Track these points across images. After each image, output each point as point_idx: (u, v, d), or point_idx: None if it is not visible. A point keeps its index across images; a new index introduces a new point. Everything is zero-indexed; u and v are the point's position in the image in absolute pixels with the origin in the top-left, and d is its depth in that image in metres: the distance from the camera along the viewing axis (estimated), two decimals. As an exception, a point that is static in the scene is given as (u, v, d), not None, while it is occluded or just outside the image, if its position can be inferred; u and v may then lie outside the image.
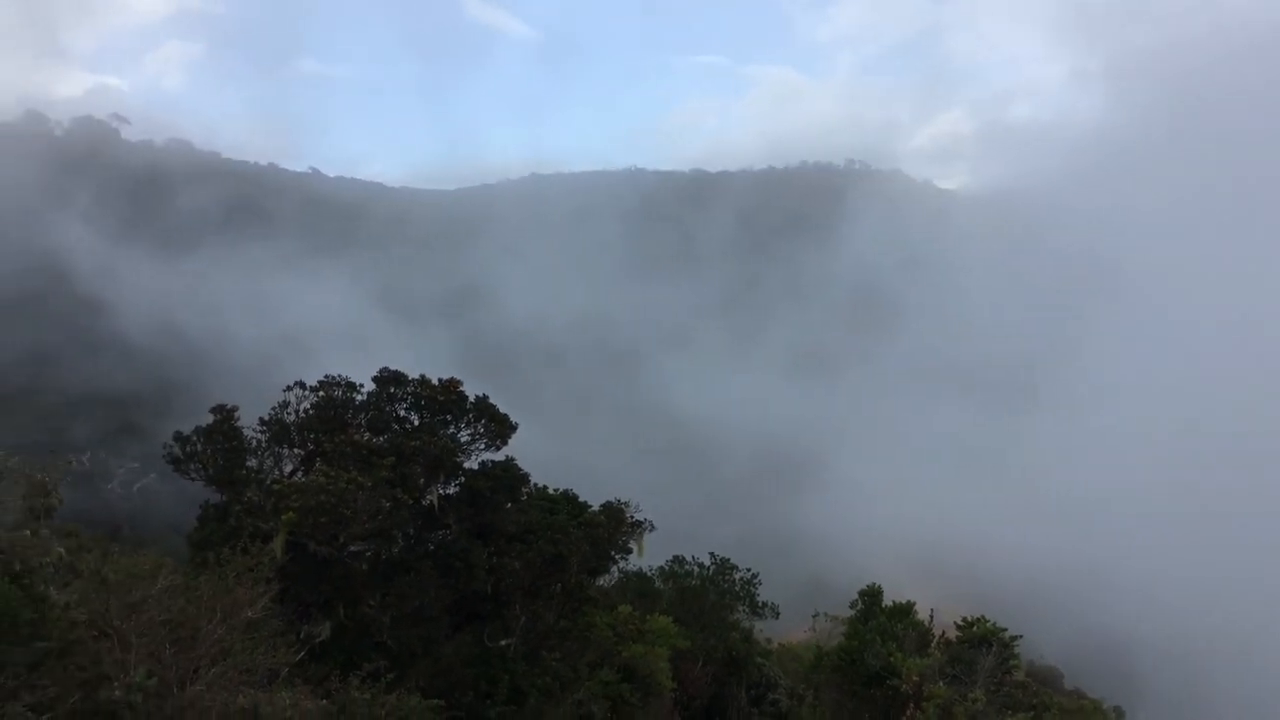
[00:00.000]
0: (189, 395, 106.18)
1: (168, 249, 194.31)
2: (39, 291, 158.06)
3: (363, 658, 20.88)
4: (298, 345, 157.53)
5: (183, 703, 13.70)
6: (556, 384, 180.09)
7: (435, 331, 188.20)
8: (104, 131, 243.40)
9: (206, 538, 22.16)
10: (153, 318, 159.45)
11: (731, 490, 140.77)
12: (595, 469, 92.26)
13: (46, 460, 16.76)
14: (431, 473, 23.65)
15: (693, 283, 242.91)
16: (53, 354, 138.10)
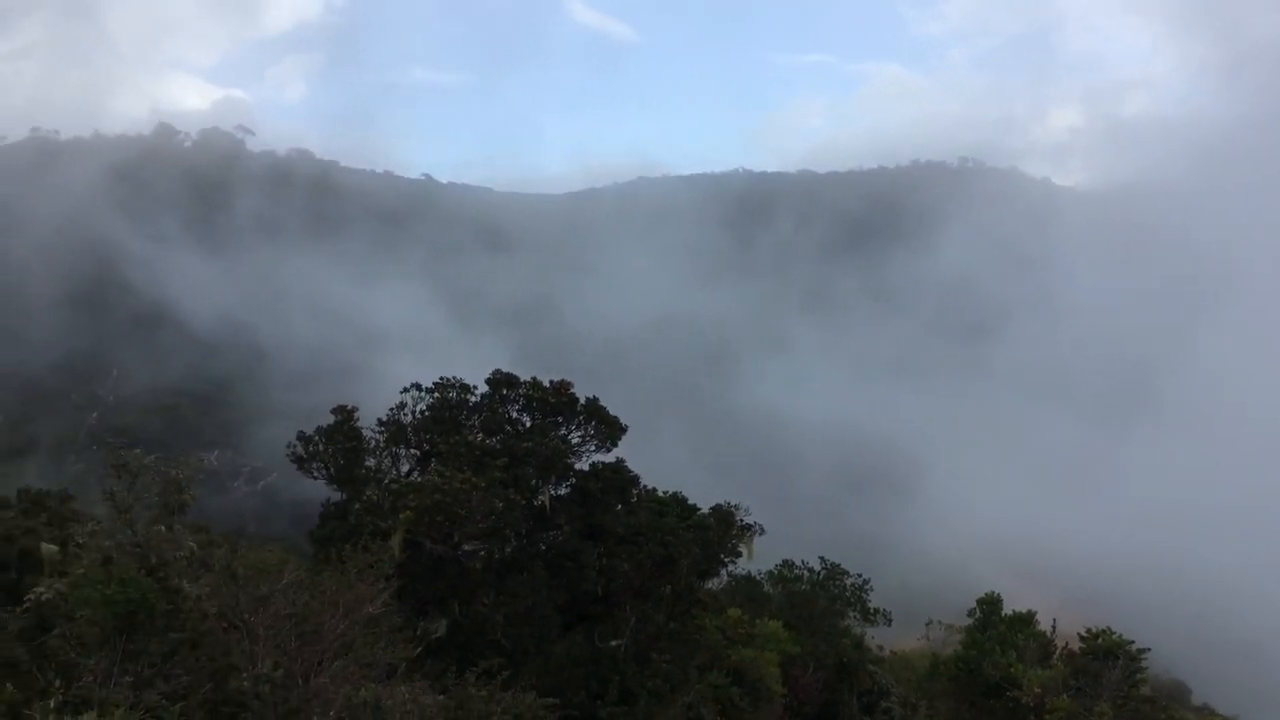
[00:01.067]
0: (306, 395, 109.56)
1: (284, 254, 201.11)
2: (170, 297, 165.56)
3: (477, 655, 21.27)
4: (407, 344, 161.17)
5: (307, 694, 14.09)
6: (638, 390, 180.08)
7: (523, 336, 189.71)
8: (230, 143, 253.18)
9: (328, 535, 22.84)
10: (276, 320, 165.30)
11: (819, 499, 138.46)
12: (675, 475, 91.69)
13: (181, 459, 17.47)
14: (543, 474, 23.94)
15: (791, 286, 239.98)
16: (188, 356, 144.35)
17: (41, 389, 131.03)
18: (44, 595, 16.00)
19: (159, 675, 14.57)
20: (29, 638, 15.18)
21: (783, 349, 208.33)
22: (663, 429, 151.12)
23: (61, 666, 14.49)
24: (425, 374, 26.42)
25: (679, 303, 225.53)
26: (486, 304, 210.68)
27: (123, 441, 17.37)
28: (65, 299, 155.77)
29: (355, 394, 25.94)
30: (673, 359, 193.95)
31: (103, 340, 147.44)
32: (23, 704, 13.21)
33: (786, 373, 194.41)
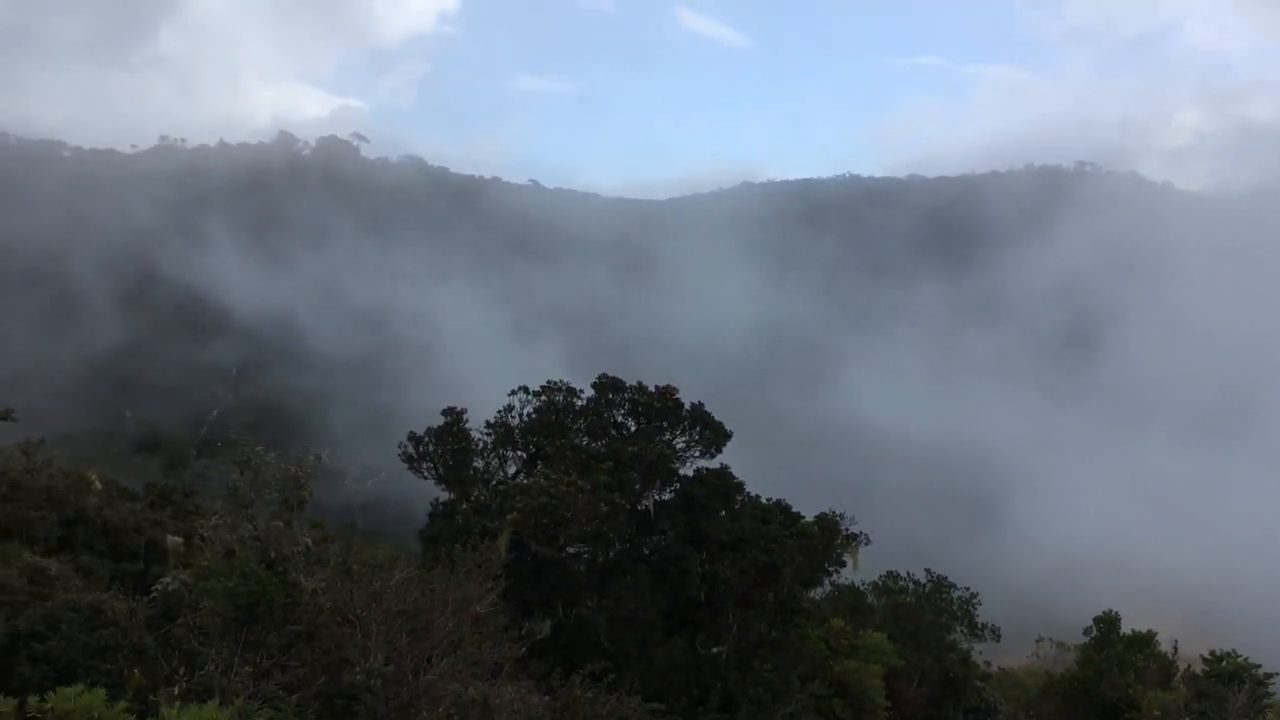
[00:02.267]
0: (414, 396, 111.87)
1: (393, 258, 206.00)
2: (285, 300, 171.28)
3: (580, 657, 21.42)
4: (508, 345, 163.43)
5: (417, 690, 14.37)
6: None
7: (608, 341, 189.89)
8: (346, 150, 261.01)
9: (436, 534, 23.29)
10: (384, 323, 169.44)
11: (906, 509, 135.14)
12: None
13: (299, 456, 18.00)
14: (647, 478, 24.00)
15: (890, 294, 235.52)
16: (302, 357, 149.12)
17: (166, 387, 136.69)
18: (170, 586, 16.66)
19: (276, 666, 15.00)
20: (155, 626, 15.79)
21: (873, 358, 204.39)
22: (745, 438, 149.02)
23: (185, 655, 15.05)
24: (532, 378, 26.81)
25: (771, 309, 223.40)
26: (585, 308, 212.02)
27: (246, 439, 17.95)
28: (184, 301, 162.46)
29: (466, 398, 26.31)
30: (756, 367, 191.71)
31: (222, 341, 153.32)
32: (149, 690, 13.74)
33: (876, 383, 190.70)
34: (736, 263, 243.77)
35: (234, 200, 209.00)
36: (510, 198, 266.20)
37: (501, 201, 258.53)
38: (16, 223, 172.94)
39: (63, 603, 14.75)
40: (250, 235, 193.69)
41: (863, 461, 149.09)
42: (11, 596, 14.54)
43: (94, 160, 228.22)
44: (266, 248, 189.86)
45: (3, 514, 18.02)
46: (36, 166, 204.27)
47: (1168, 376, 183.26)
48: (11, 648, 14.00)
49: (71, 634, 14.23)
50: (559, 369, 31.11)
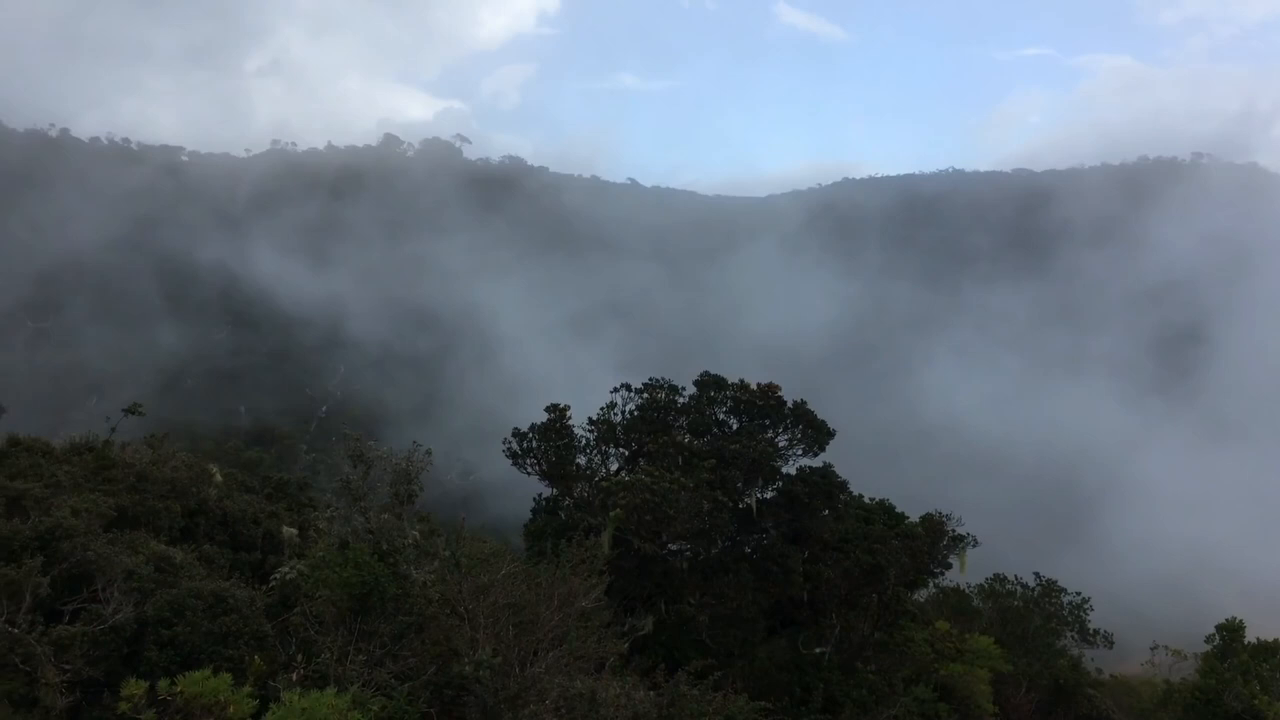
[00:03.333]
0: (521, 394, 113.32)
1: (492, 256, 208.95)
2: (389, 295, 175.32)
3: (682, 654, 21.47)
4: (600, 340, 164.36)
5: (524, 682, 14.54)
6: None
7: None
8: (449, 151, 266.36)
9: (540, 529, 23.57)
10: (485, 322, 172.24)
11: (1002, 512, 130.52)
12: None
13: (410, 451, 18.39)
14: (750, 476, 23.89)
15: (984, 291, 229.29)
16: (406, 352, 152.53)
17: (277, 383, 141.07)
18: (288, 575, 17.18)
19: (388, 655, 15.35)
20: (274, 614, 16.26)
21: (964, 357, 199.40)
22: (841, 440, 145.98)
23: (302, 642, 15.50)
24: (617, 376, 26.98)
25: (858, 307, 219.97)
26: (673, 305, 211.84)
27: (358, 434, 18.42)
28: (292, 301, 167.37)
29: (571, 396, 26.55)
30: (838, 364, 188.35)
31: (326, 337, 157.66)
32: (269, 675, 14.18)
33: (965, 383, 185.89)
34: (824, 260, 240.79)
35: (338, 201, 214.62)
36: (607, 197, 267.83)
37: (598, 201, 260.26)
38: (139, 224, 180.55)
39: (187, 590, 15.30)
40: (347, 235, 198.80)
41: (949, 462, 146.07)
42: (140, 583, 15.13)
43: (210, 164, 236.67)
44: (361, 247, 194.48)
45: (131, 504, 18.77)
46: (157, 171, 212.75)
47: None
48: (140, 633, 14.59)
49: (196, 620, 14.75)
50: (649, 367, 31.15)
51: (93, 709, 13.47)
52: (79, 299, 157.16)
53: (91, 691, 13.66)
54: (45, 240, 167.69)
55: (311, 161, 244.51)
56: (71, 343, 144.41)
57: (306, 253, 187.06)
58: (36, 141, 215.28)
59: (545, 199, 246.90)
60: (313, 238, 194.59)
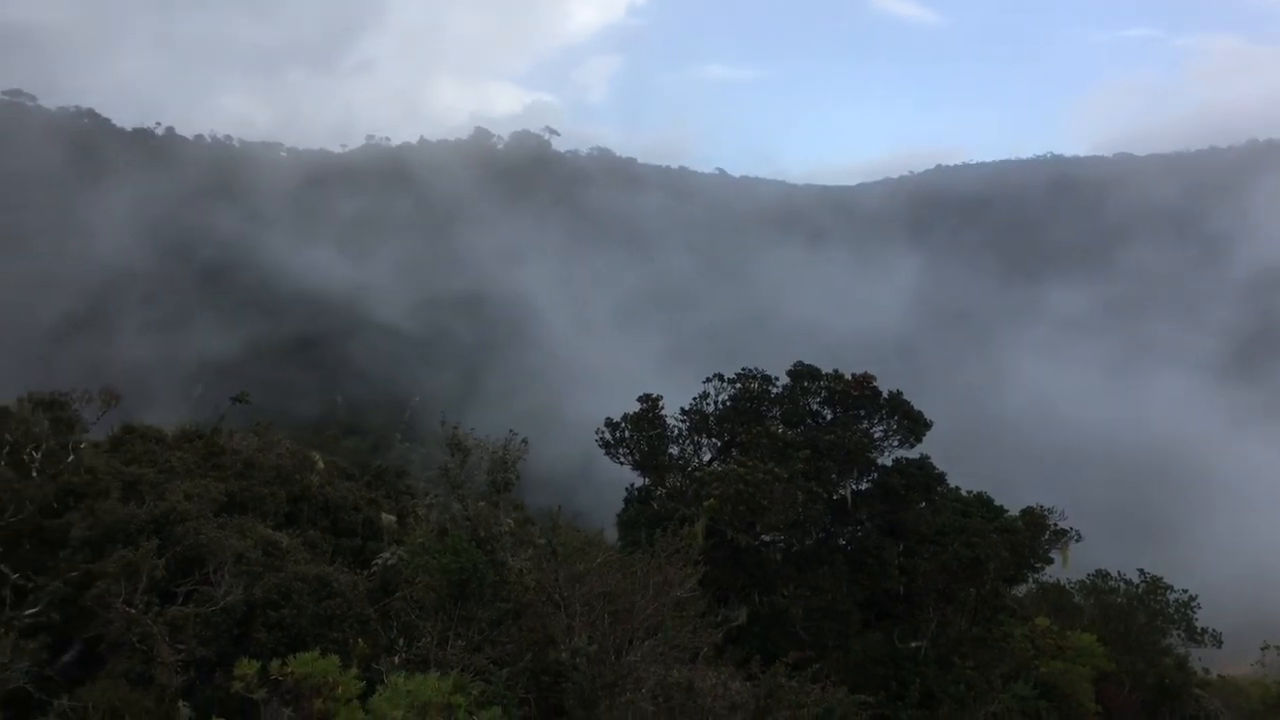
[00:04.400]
0: (604, 388, 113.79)
1: (572, 249, 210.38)
2: (478, 288, 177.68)
3: (776, 646, 21.34)
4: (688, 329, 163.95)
5: (621, 671, 14.61)
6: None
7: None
8: (538, 144, 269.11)
9: (633, 518, 23.65)
10: (575, 313, 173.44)
11: (1088, 513, 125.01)
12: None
13: (508, 439, 18.60)
14: (845, 467, 23.64)
15: (1082, 281, 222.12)
16: (493, 344, 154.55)
17: (368, 372, 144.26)
18: (388, 561, 17.53)
19: (487, 641, 15.58)
20: (375, 599, 16.60)
21: (1050, 348, 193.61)
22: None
23: (403, 626, 15.81)
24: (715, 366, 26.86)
25: (940, 294, 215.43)
26: (757, 293, 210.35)
27: (457, 422, 18.69)
28: (385, 292, 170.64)
29: (656, 386, 26.61)
30: (922, 354, 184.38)
31: (419, 327, 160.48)
32: (372, 658, 14.48)
33: (1050, 373, 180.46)
34: (908, 248, 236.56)
35: (429, 194, 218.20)
36: (696, 186, 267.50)
37: (687, 190, 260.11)
38: (238, 217, 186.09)
39: (293, 574, 15.70)
40: (438, 227, 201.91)
41: (1031, 454, 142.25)
42: (249, 567, 15.57)
43: (307, 159, 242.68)
44: (453, 239, 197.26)
45: (239, 490, 19.31)
46: (256, 167, 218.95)
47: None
48: (249, 615, 15.02)
49: (302, 603, 15.14)
50: (729, 357, 31.04)
51: (205, 688, 13.92)
52: (182, 289, 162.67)
53: (204, 671, 14.12)
54: (153, 232, 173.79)
55: (404, 156, 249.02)
56: (177, 330, 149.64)
57: (394, 245, 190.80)
58: (144, 139, 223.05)
59: (631, 190, 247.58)
60: (399, 231, 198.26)
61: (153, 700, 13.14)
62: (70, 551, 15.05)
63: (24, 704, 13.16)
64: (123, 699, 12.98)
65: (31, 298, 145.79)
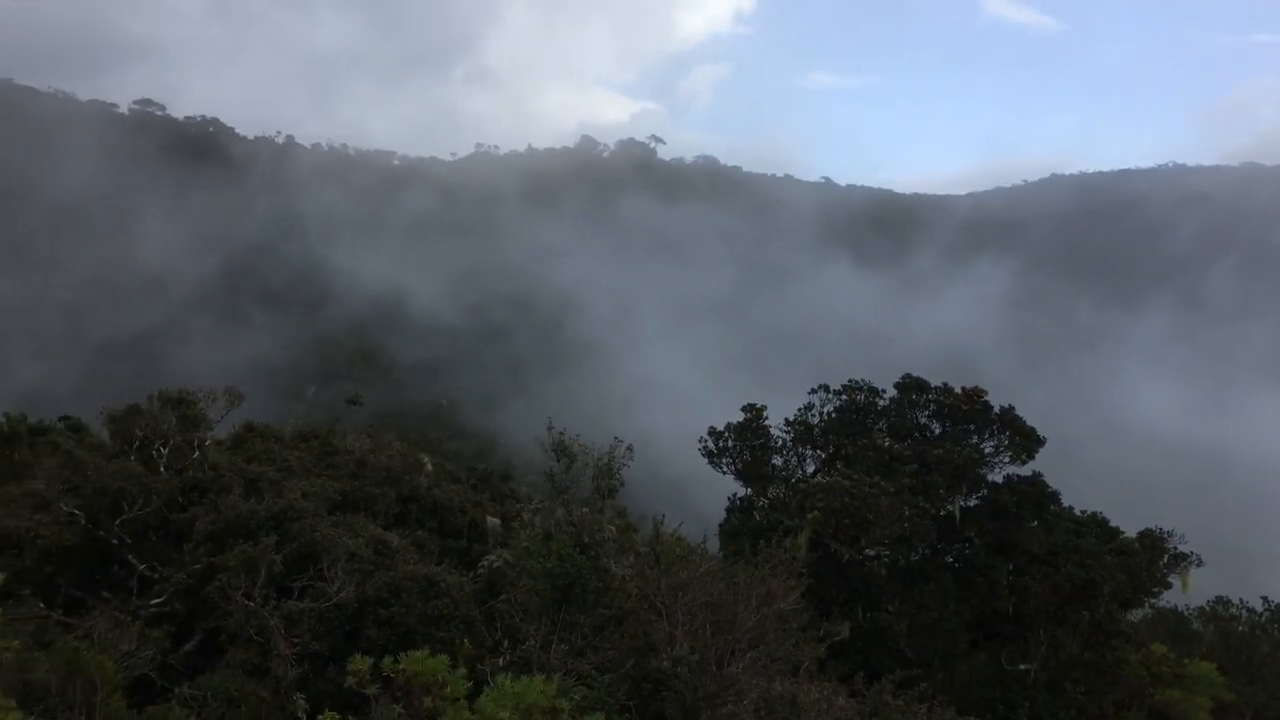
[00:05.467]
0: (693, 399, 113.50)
1: (667, 255, 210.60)
2: (576, 297, 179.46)
3: (879, 663, 20.99)
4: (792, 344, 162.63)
5: (723, 681, 14.53)
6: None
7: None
8: (643, 152, 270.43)
9: (735, 528, 23.55)
10: (680, 326, 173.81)
11: (1203, 531, 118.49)
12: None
13: (613, 446, 18.70)
14: (953, 483, 23.14)
15: (1197, 293, 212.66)
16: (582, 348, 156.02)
17: (478, 374, 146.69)
18: (494, 563, 17.77)
19: (589, 646, 15.66)
20: (481, 600, 16.85)
21: (1159, 363, 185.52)
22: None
23: (507, 629, 16.00)
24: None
25: (1044, 307, 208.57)
26: (857, 305, 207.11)
27: (562, 429, 18.88)
28: (484, 297, 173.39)
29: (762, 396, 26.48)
30: (1021, 367, 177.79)
31: (519, 335, 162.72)
32: (477, 659, 14.69)
33: (1163, 390, 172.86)
34: (1010, 258, 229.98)
35: (531, 202, 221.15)
36: (803, 194, 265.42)
37: (792, 198, 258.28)
38: (346, 224, 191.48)
39: (403, 573, 16.05)
40: (539, 232, 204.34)
41: (1140, 473, 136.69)
42: (361, 565, 15.98)
43: (418, 167, 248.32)
44: (550, 246, 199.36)
45: (351, 489, 19.87)
46: (368, 174, 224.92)
47: None
48: (360, 612, 15.40)
49: (411, 602, 15.46)
50: (826, 368, 30.68)
51: (318, 681, 14.31)
52: (297, 293, 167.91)
53: (317, 665, 14.52)
54: (270, 239, 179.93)
55: (512, 163, 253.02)
56: (290, 332, 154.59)
57: (486, 252, 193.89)
58: (265, 148, 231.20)
59: (732, 197, 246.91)
60: (494, 238, 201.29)
61: (268, 691, 13.57)
62: (194, 545, 15.66)
63: (148, 690, 13.69)
64: (240, 689, 13.43)
65: (149, 296, 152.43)
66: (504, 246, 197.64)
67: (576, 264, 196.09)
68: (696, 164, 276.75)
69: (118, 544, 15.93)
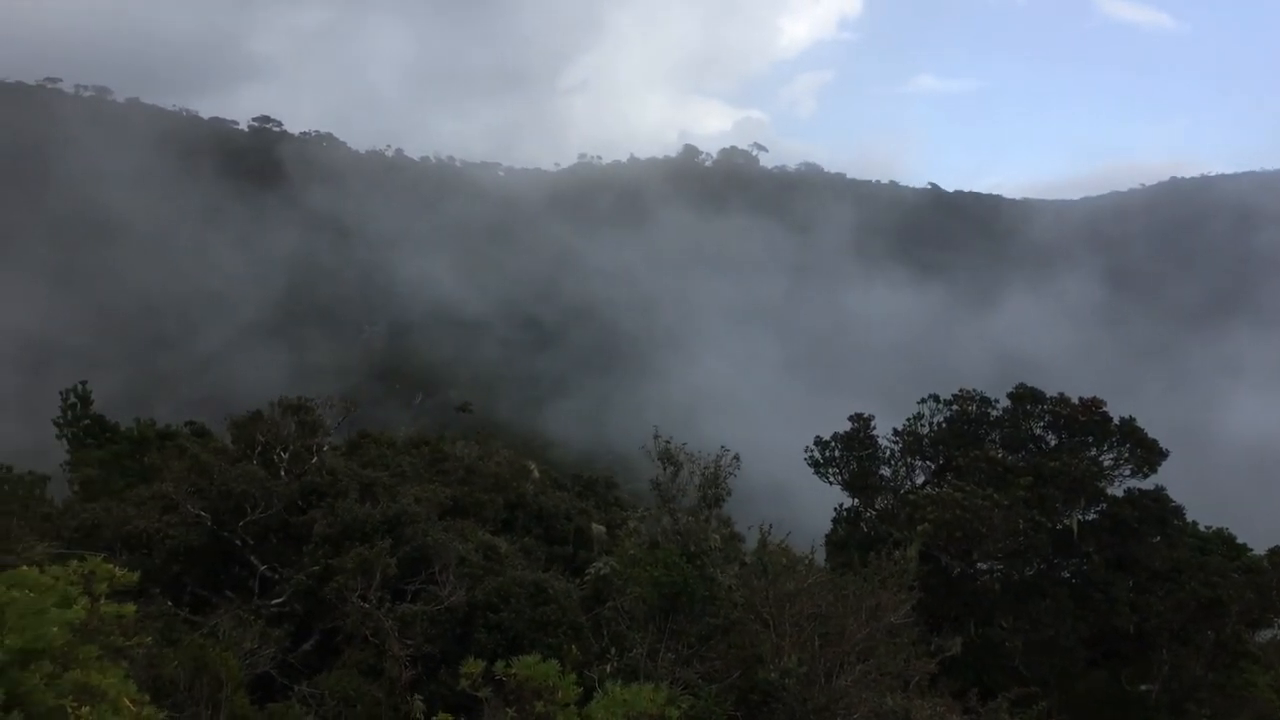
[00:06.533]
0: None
1: (771, 262, 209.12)
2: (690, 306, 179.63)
3: (992, 680, 20.46)
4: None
5: (832, 694, 14.32)
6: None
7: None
8: (745, 160, 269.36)
9: (843, 540, 23.24)
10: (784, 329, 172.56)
11: None
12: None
13: (719, 455, 18.63)
14: (1070, 496, 22.44)
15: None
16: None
17: (590, 384, 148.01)
18: (601, 570, 17.85)
19: (695, 656, 15.59)
20: (588, 607, 16.93)
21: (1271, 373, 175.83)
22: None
23: (614, 636, 16.05)
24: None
25: (1148, 317, 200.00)
26: (953, 313, 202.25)
27: (669, 437, 18.89)
28: (587, 304, 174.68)
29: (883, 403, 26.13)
30: (1121, 379, 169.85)
31: (605, 344, 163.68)
32: (584, 665, 14.77)
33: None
34: (1117, 268, 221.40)
35: (631, 211, 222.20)
36: (906, 201, 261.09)
37: (896, 204, 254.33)
38: (452, 234, 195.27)
39: (512, 578, 16.24)
40: (636, 243, 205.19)
41: (1253, 486, 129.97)
42: (471, 569, 16.22)
43: (521, 178, 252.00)
44: (651, 254, 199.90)
45: (461, 495, 20.19)
46: (473, 185, 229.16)
47: None
48: (470, 615, 15.63)
49: (520, 607, 15.63)
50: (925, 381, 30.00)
51: (430, 683, 14.55)
52: (402, 304, 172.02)
53: (429, 667, 14.78)
54: (382, 253, 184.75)
55: (614, 174, 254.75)
56: (403, 341, 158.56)
57: (591, 259, 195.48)
58: (375, 161, 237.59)
59: (835, 204, 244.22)
60: (594, 246, 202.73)
61: (383, 691, 13.85)
62: (312, 547, 16.10)
63: (268, 687, 14.11)
64: (356, 689, 13.75)
65: (280, 305, 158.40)
66: (595, 256, 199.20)
67: (667, 273, 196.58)
68: (800, 171, 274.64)
69: (241, 545, 16.48)
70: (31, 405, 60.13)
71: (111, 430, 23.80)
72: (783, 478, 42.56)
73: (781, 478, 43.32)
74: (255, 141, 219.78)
